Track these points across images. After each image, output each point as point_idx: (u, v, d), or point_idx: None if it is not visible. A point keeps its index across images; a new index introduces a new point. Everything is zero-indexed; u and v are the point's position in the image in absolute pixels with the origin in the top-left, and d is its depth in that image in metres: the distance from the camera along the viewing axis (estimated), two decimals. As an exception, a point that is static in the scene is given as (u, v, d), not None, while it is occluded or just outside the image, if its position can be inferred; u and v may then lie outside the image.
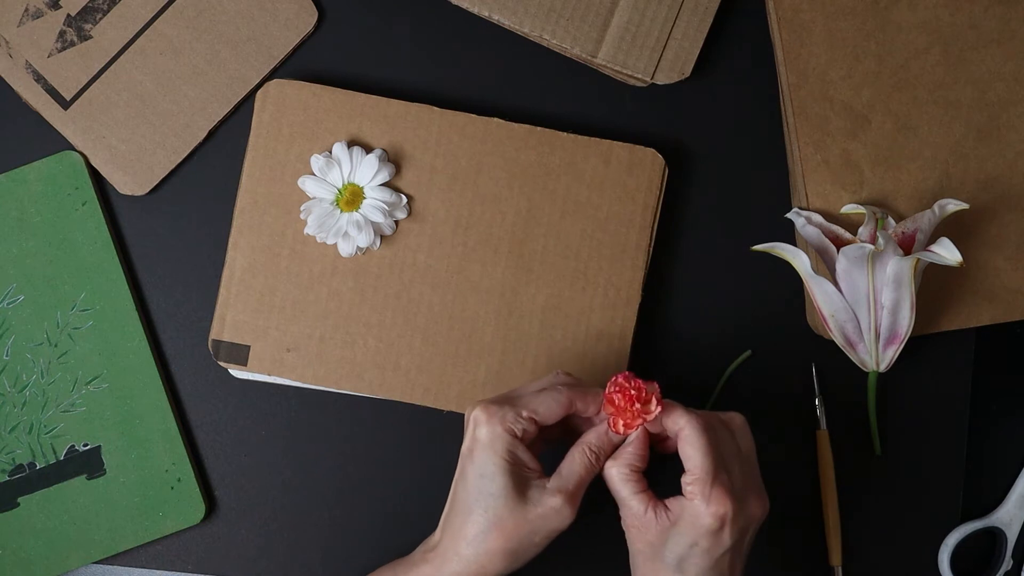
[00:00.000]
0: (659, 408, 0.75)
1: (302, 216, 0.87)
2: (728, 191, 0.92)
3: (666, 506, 0.76)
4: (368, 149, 0.88)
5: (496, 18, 0.90)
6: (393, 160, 0.88)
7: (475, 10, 0.90)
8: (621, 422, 0.76)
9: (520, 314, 0.88)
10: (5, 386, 0.89)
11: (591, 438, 0.77)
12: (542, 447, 0.80)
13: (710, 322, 0.92)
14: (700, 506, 0.74)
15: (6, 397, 0.89)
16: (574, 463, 0.77)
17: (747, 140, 0.92)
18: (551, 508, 0.75)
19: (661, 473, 0.80)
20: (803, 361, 0.92)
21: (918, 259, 0.83)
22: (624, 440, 0.77)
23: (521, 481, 0.76)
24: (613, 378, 0.76)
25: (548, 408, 0.76)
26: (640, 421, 0.76)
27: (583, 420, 0.80)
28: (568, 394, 0.77)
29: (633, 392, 0.75)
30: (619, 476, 0.76)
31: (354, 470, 0.91)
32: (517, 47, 0.92)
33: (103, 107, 0.90)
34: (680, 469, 0.76)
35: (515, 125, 0.89)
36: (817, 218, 0.87)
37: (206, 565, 0.90)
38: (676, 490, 0.76)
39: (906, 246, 0.85)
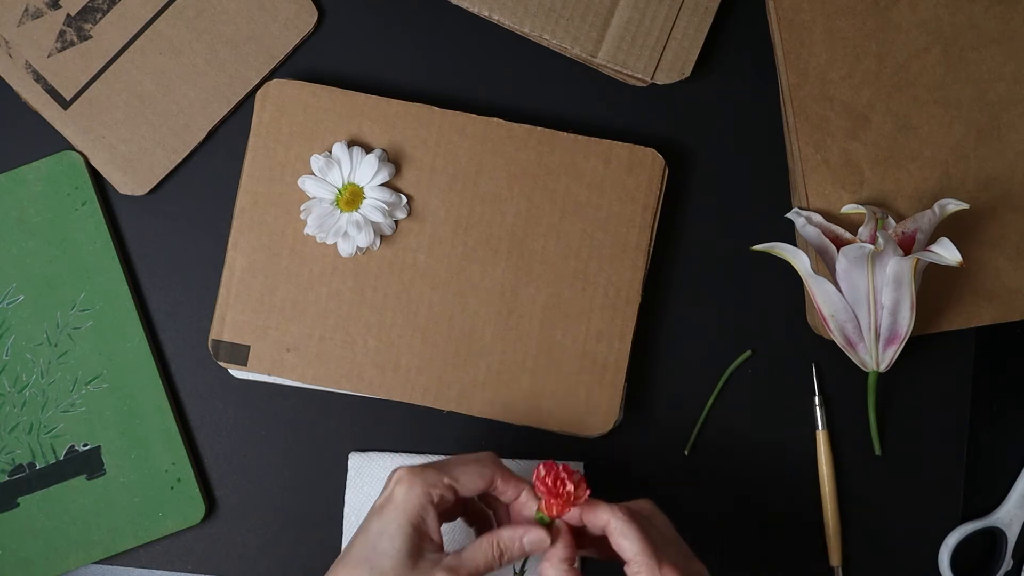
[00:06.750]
0: (588, 491, 0.75)
1: (302, 216, 0.87)
2: (728, 191, 0.92)
3: None
4: (368, 149, 0.88)
5: (496, 18, 0.90)
6: (393, 160, 0.88)
7: (475, 10, 0.90)
8: (555, 505, 0.75)
9: (520, 314, 0.88)
10: (5, 386, 0.89)
11: (504, 533, 0.75)
12: (446, 518, 0.79)
13: (710, 322, 0.92)
14: None
15: (6, 397, 0.89)
16: (478, 551, 0.75)
17: (747, 140, 0.92)
18: None
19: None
20: (803, 361, 0.92)
21: (918, 259, 0.82)
22: (534, 550, 0.75)
23: (417, 550, 0.74)
24: (539, 465, 0.75)
25: (470, 479, 0.75)
26: (572, 504, 0.75)
27: (497, 506, 0.79)
28: (493, 469, 0.76)
29: (564, 475, 0.75)
30: (557, 572, 0.75)
31: (354, 470, 0.91)
32: (517, 47, 0.92)
33: (103, 107, 0.90)
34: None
35: (515, 125, 0.89)
36: (817, 218, 0.87)
37: (206, 565, 0.90)
38: None
39: (906, 246, 0.85)
